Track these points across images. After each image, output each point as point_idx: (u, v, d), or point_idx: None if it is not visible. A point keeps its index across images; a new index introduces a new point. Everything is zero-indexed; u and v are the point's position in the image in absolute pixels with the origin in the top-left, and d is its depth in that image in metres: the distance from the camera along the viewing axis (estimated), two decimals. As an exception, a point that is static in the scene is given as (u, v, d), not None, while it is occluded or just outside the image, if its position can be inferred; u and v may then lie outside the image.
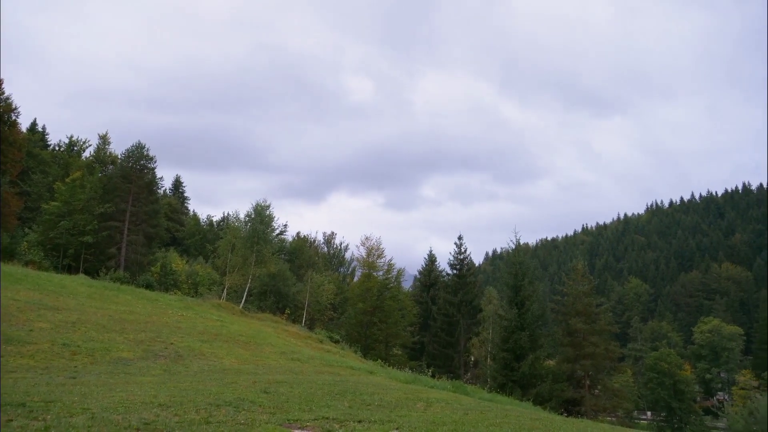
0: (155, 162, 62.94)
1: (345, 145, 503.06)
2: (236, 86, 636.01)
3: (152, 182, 64.37)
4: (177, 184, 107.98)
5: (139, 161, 61.06)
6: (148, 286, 45.19)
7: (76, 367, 16.83)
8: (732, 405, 67.49)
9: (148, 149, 61.84)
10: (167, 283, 53.67)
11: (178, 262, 60.24)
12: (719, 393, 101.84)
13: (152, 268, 55.75)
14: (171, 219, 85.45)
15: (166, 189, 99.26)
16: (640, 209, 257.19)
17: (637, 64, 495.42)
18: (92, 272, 48.97)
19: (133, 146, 61.63)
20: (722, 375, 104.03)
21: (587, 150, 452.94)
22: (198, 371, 18.35)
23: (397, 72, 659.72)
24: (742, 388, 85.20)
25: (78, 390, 11.94)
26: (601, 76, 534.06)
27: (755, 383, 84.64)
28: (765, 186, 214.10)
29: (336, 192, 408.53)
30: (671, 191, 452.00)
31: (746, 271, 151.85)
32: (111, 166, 69.33)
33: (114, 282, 42.02)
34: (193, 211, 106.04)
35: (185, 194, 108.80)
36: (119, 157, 65.57)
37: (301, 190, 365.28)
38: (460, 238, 60.16)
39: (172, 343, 22.56)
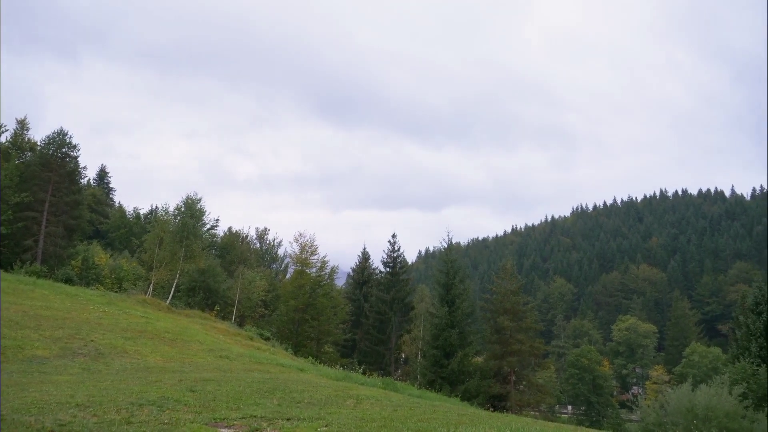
0: (78, 150, 59.95)
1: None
2: None
3: (74, 171, 61.16)
4: (102, 175, 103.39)
5: (60, 149, 57.91)
6: (68, 281, 43.03)
7: (-16, 365, 15.83)
8: (645, 399, 71.44)
9: (71, 137, 58.85)
10: (89, 277, 51.24)
11: (101, 256, 57.62)
12: (634, 387, 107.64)
13: (72, 262, 53.08)
14: (94, 211, 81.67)
15: (90, 179, 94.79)
16: (567, 212, 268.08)
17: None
18: (5, 265, 46.02)
19: (54, 133, 58.46)
20: (637, 370, 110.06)
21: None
22: (120, 369, 17.66)
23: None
24: (655, 383, 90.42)
25: (-14, 390, 11.23)
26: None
27: (666, 378, 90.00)
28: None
29: None
30: (595, 195, 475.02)
31: (661, 273, 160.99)
32: (29, 153, 65.37)
33: (29, 276, 39.70)
34: (119, 202, 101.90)
35: (111, 185, 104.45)
36: (39, 143, 61.92)
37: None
38: (393, 236, 60.72)
39: (92, 341, 21.59)
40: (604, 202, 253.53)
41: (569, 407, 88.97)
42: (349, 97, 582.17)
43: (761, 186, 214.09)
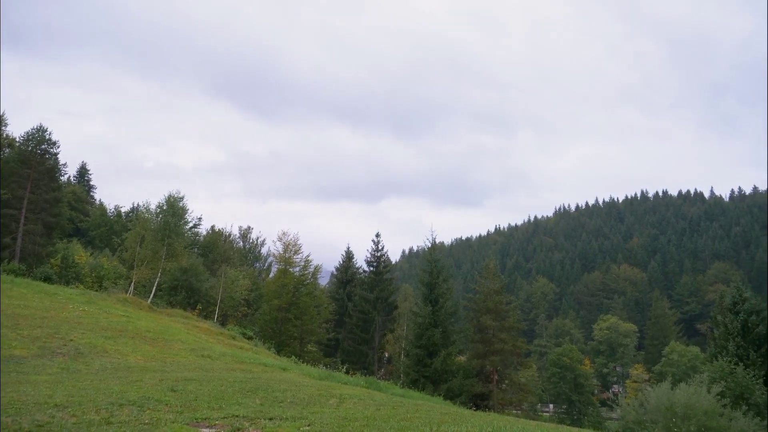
0: (58, 147, 59.16)
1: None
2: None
3: (54, 168, 60.38)
4: (82, 172, 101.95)
5: (39, 145, 57.08)
6: (47, 279, 42.37)
7: (-40, 365, 15.54)
8: (625, 397, 72.33)
9: (50, 133, 58.03)
10: (68, 276, 50.48)
11: (81, 254, 56.77)
12: (614, 386, 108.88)
13: (52, 260, 52.25)
14: (74, 208, 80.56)
15: (70, 176, 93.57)
16: (549, 212, 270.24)
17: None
18: (-18, 263, 45.27)
19: (33, 129, 57.60)
20: (618, 369, 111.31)
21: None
22: (100, 369, 17.44)
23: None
24: (635, 381, 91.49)
25: (-38, 390, 11.02)
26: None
27: (646, 376, 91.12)
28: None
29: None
30: (578, 196, 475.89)
31: (642, 273, 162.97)
32: (8, 150, 64.30)
33: (7, 274, 39.04)
34: (100, 200, 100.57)
35: (91, 182, 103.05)
36: (17, 140, 60.93)
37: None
38: (377, 235, 60.78)
39: (71, 340, 21.29)
40: (586, 203, 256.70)
41: (551, 406, 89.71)
42: (257, 76, 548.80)
43: (739, 188, 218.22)
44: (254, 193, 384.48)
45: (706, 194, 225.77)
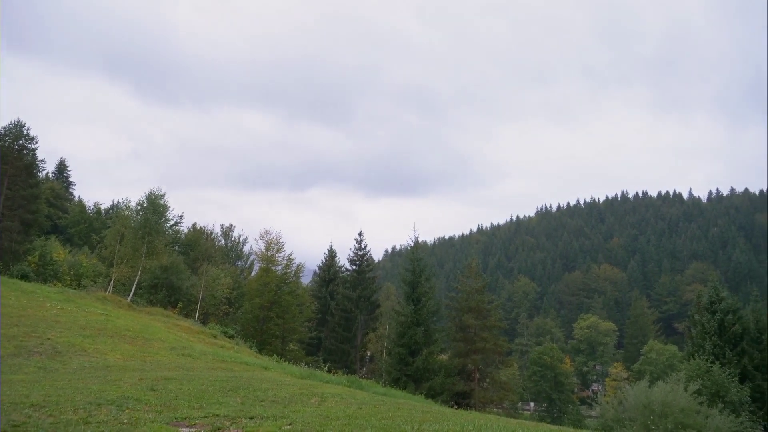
0: (36, 142, 58.20)
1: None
2: None
3: (32, 164, 59.33)
4: (61, 168, 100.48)
5: (17, 140, 56.09)
6: (24, 277, 41.71)
7: (-67, 364, 15.25)
8: (604, 395, 73.20)
9: (28, 128, 57.07)
10: (46, 273, 49.75)
11: (59, 252, 55.96)
12: (594, 384, 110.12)
13: (29, 258, 51.45)
14: (53, 205, 79.34)
15: (48, 172, 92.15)
16: (531, 212, 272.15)
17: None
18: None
19: (10, 124, 56.59)
20: (597, 367, 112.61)
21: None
22: (78, 368, 17.22)
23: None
24: (614, 380, 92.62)
25: (-65, 390, 10.81)
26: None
27: (625, 375, 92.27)
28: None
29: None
30: (559, 196, 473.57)
31: (621, 272, 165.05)
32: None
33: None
34: (79, 197, 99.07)
35: (70, 179, 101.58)
36: (-6, 135, 59.88)
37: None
38: (360, 234, 60.69)
39: (49, 339, 21.00)
40: (568, 203, 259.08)
41: (531, 404, 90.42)
42: (149, 54, 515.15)
43: (717, 189, 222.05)
44: (159, 181, 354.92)
45: (685, 195, 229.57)
